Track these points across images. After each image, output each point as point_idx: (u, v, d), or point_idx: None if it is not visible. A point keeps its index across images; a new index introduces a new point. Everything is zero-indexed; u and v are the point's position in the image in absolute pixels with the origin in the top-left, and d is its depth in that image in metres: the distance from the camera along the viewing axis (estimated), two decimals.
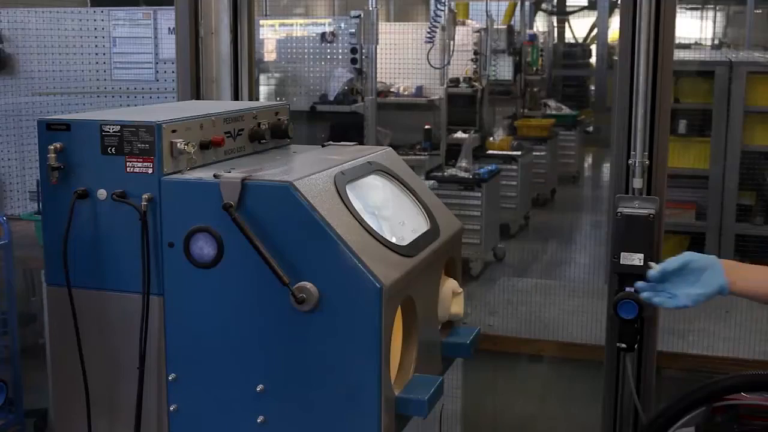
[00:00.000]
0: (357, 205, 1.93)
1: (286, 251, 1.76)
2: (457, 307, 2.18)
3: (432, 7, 8.13)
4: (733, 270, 2.04)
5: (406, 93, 8.62)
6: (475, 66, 9.26)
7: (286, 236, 1.77)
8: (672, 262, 2.05)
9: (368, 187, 2.11)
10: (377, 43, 7.14)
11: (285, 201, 1.77)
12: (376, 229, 1.90)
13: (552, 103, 11.75)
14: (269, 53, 7.57)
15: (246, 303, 1.83)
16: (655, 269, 2.05)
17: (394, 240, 1.94)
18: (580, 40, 16.34)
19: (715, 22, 14.18)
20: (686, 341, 3.44)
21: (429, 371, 2.01)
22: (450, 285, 2.18)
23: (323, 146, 2.32)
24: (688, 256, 2.06)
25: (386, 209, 2.11)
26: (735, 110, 5.65)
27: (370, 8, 7.00)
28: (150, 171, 1.86)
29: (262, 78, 7.45)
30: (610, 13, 13.14)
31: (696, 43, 12.66)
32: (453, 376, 3.76)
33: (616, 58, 3.30)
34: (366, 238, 1.85)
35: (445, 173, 7.45)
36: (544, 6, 15.15)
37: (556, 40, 16.39)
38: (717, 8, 13.91)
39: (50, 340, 2.03)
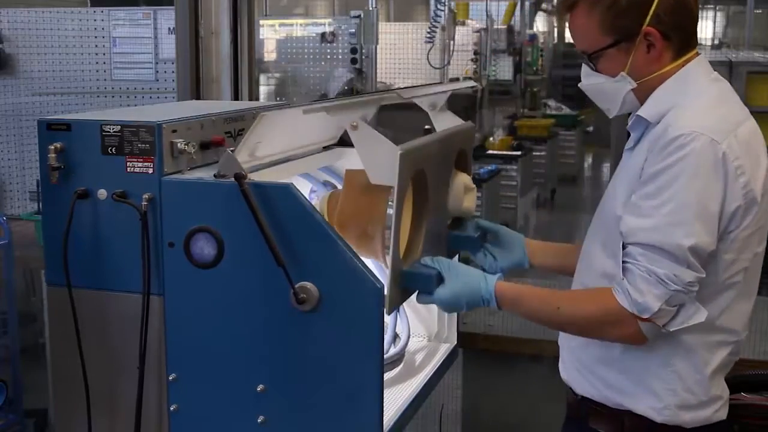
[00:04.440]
0: None
1: (286, 251, 1.76)
2: (468, 202, 2.19)
3: (432, 7, 8.12)
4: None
5: None
6: (475, 66, 9.26)
7: (286, 236, 1.77)
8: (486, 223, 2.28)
9: None
10: (377, 43, 7.13)
11: (285, 201, 1.77)
12: None
13: (552, 103, 11.77)
14: (269, 53, 7.56)
15: (246, 303, 1.83)
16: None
17: None
18: None
19: (715, 22, 14.18)
20: None
21: None
22: (462, 178, 2.19)
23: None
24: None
25: None
26: None
27: (370, 8, 7.00)
28: (150, 171, 1.86)
29: (262, 78, 7.43)
30: None
31: None
32: (453, 376, 3.76)
33: None
34: None
35: None
36: (544, 6, 15.15)
37: (556, 40, 16.41)
38: (717, 8, 13.90)
39: (50, 340, 2.04)
